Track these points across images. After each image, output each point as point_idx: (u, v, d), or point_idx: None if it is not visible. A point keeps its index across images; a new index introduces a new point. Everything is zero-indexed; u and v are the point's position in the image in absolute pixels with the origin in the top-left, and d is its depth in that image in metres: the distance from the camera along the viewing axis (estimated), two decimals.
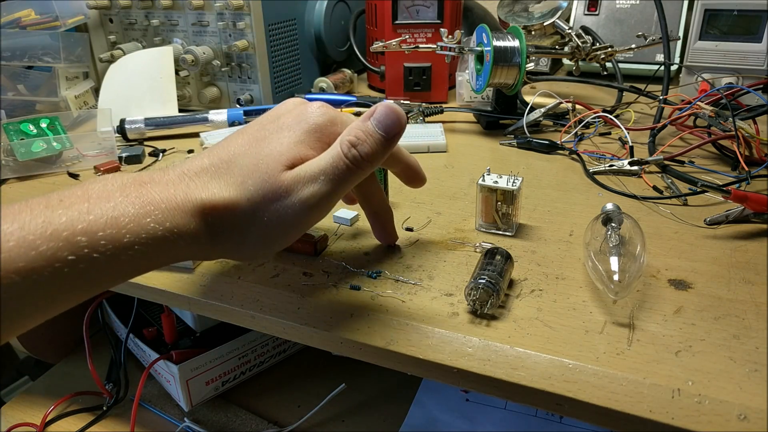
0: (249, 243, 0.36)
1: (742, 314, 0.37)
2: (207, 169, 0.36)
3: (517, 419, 0.66)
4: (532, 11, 0.87)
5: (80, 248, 0.29)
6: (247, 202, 0.35)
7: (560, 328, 0.37)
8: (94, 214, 0.30)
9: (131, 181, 0.33)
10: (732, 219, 0.48)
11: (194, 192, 0.34)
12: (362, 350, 0.39)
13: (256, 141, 0.37)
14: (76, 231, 0.29)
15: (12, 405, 0.74)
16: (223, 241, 0.36)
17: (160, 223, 0.32)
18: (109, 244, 0.30)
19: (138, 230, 0.31)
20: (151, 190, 0.33)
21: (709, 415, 0.31)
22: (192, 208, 0.34)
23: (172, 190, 0.34)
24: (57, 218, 0.29)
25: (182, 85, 0.84)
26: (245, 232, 0.36)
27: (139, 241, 0.31)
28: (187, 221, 0.34)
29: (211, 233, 0.35)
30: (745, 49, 0.75)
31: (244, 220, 0.35)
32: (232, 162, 0.36)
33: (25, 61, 0.77)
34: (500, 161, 0.65)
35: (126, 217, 0.31)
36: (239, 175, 0.35)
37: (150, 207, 0.32)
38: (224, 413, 0.70)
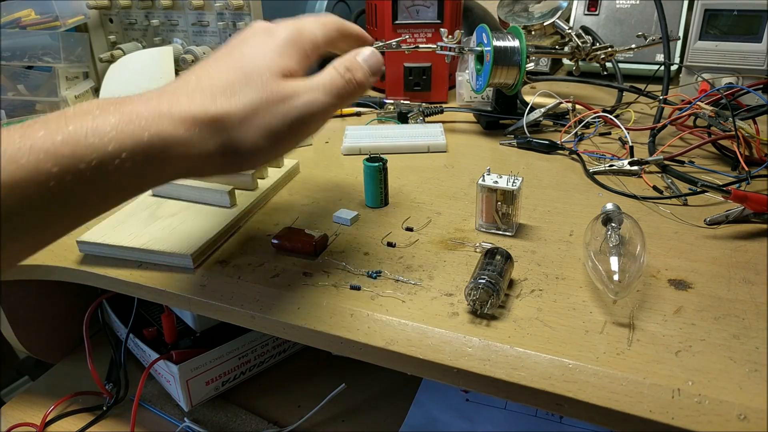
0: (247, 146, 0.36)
1: (742, 314, 0.37)
2: (187, 84, 0.35)
3: (517, 419, 0.66)
4: (532, 11, 0.87)
5: (63, 159, 0.29)
6: (244, 108, 0.35)
7: (560, 328, 0.37)
8: (73, 125, 0.30)
9: (110, 101, 0.32)
10: (732, 219, 0.48)
11: (180, 104, 0.33)
12: (362, 350, 0.39)
13: (234, 58, 0.37)
14: (57, 142, 0.29)
15: (12, 405, 0.74)
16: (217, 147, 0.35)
17: (145, 128, 0.31)
18: (93, 153, 0.29)
19: (122, 137, 0.30)
20: (131, 104, 0.32)
21: (709, 415, 0.31)
22: (179, 117, 0.33)
23: (155, 102, 0.33)
24: (35, 133, 0.29)
25: None
26: (243, 136, 0.35)
27: (125, 149, 0.30)
28: (175, 128, 0.32)
29: (203, 141, 0.34)
30: (745, 49, 0.75)
31: (242, 126, 0.35)
32: (214, 77, 0.35)
33: (25, 61, 0.77)
34: (500, 161, 0.65)
35: (108, 125, 0.30)
36: (228, 87, 0.35)
37: (133, 115, 0.31)
38: (224, 413, 0.70)
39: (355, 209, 0.53)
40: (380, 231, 0.50)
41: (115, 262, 0.48)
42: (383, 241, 0.48)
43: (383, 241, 0.48)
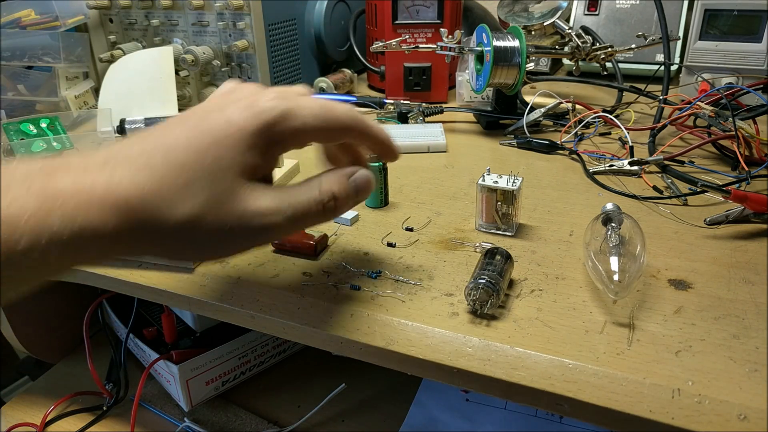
0: (179, 250, 0.32)
1: (742, 314, 0.37)
2: (139, 157, 0.30)
3: (517, 419, 0.66)
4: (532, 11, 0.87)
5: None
6: (191, 209, 0.30)
7: (560, 328, 0.37)
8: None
9: (39, 169, 0.28)
10: (732, 219, 0.48)
11: (120, 184, 0.29)
12: (362, 350, 0.39)
13: (201, 134, 0.31)
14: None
15: (12, 405, 0.74)
16: (147, 245, 0.31)
17: (68, 220, 0.27)
18: (2, 247, 0.25)
19: (38, 230, 0.26)
20: (62, 179, 0.28)
21: (709, 415, 0.31)
22: (113, 203, 0.28)
23: (89, 179, 0.28)
24: None
25: (182, 85, 0.84)
26: (181, 238, 0.31)
27: (40, 245, 0.26)
28: (104, 218, 0.28)
29: (136, 235, 0.30)
30: (745, 49, 0.75)
31: (184, 227, 0.30)
32: (171, 155, 0.30)
33: (25, 61, 0.77)
34: (500, 161, 0.65)
35: (25, 212, 0.26)
36: (182, 175, 0.30)
37: (57, 201, 0.27)
38: (224, 413, 0.70)
39: (355, 209, 0.53)
40: (380, 231, 0.50)
41: (115, 262, 0.48)
42: (383, 241, 0.48)
43: (383, 241, 0.48)
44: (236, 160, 0.31)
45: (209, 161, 0.30)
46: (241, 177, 0.32)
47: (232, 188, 0.31)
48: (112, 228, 0.28)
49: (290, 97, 0.33)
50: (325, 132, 0.35)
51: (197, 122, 0.32)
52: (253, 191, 0.32)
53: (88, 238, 0.28)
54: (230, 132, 0.31)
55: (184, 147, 0.30)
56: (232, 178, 0.31)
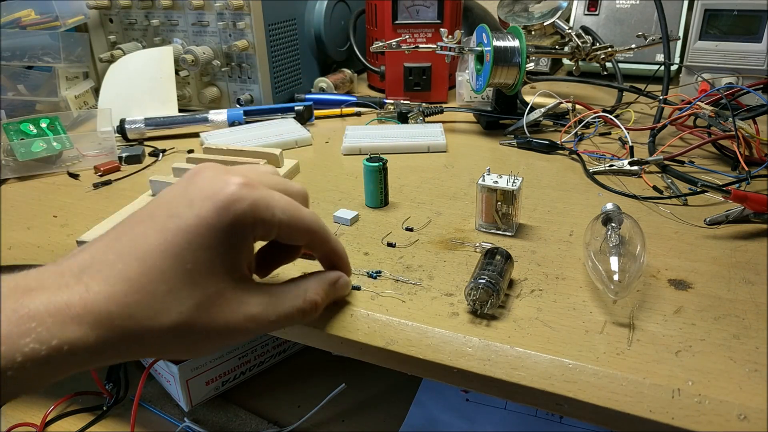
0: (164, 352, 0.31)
1: (742, 314, 0.37)
2: (115, 263, 0.29)
3: (517, 419, 0.66)
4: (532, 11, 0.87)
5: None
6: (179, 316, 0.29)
7: (560, 328, 0.37)
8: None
9: (12, 288, 0.27)
10: (732, 219, 0.48)
11: (98, 298, 0.28)
12: (362, 350, 0.39)
13: (173, 236, 0.29)
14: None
15: (12, 405, 0.74)
16: (132, 351, 0.30)
17: (44, 342, 0.26)
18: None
19: (12, 354, 0.25)
20: (36, 298, 0.27)
21: (709, 415, 0.31)
22: (94, 318, 0.27)
23: (65, 296, 0.27)
24: None
25: (182, 85, 0.84)
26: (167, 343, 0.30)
27: (14, 367, 0.25)
28: (85, 333, 0.27)
29: (121, 344, 0.29)
30: (745, 49, 0.75)
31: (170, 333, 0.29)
32: (148, 262, 0.29)
33: (25, 61, 0.77)
34: (500, 161, 0.65)
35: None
36: (163, 282, 0.29)
37: (31, 323, 0.26)
38: (224, 413, 0.70)
39: (355, 209, 0.53)
40: (380, 231, 0.50)
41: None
42: (383, 241, 0.48)
43: (383, 241, 0.48)
44: (215, 262, 0.30)
45: (189, 266, 0.29)
46: (226, 276, 0.31)
47: (219, 292, 0.31)
48: (93, 341, 0.27)
49: (257, 185, 0.32)
50: (290, 229, 0.33)
51: (166, 221, 0.30)
52: (240, 294, 0.32)
53: (67, 354, 0.27)
54: (201, 231, 0.30)
55: (159, 252, 0.29)
56: (216, 281, 0.30)
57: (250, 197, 0.31)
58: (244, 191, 0.31)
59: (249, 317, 0.32)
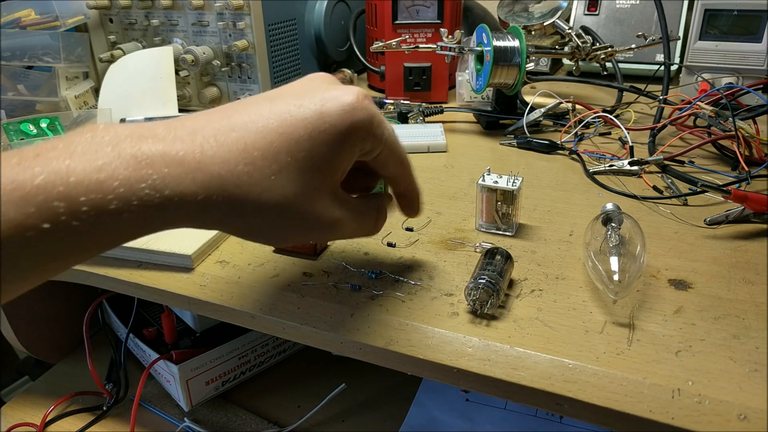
0: (254, 232, 0.33)
1: (742, 314, 0.37)
2: (230, 133, 0.30)
3: (517, 419, 0.66)
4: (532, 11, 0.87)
5: (57, 216, 0.25)
6: (280, 198, 0.30)
7: (560, 328, 0.37)
8: (75, 176, 0.25)
9: (127, 134, 0.28)
10: (732, 219, 0.48)
11: (213, 160, 0.29)
12: (362, 350, 0.39)
13: (295, 122, 0.31)
14: (53, 195, 0.24)
15: (12, 405, 0.74)
16: (228, 221, 0.31)
17: (158, 190, 0.27)
18: (92, 211, 0.25)
19: (129, 196, 0.26)
20: (153, 146, 0.27)
21: (709, 415, 0.31)
22: (204, 177, 0.28)
23: (180, 148, 0.28)
24: (29, 179, 0.24)
25: (182, 85, 0.84)
26: (260, 221, 0.31)
27: (129, 209, 0.26)
28: (194, 190, 0.28)
29: (221, 211, 0.29)
30: (745, 49, 0.75)
31: (268, 212, 0.31)
32: (265, 138, 0.30)
33: (25, 61, 0.77)
34: (500, 161, 0.65)
35: (115, 180, 0.26)
36: (275, 162, 0.30)
37: (148, 170, 0.27)
38: (224, 413, 0.70)
39: None
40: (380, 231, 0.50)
41: (114, 262, 0.48)
42: (383, 241, 0.48)
43: (383, 241, 0.48)
44: (326, 159, 0.32)
45: (302, 155, 0.31)
46: (328, 176, 0.32)
47: (319, 188, 0.32)
48: (201, 200, 0.28)
49: (372, 101, 0.34)
50: (390, 153, 0.36)
51: (289, 108, 0.31)
52: (334, 197, 0.34)
53: (176, 206, 0.28)
54: (323, 127, 0.31)
55: (277, 133, 0.30)
56: (320, 178, 0.32)
57: (371, 110, 0.33)
58: (366, 102, 0.33)
59: (336, 218, 0.34)
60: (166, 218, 0.28)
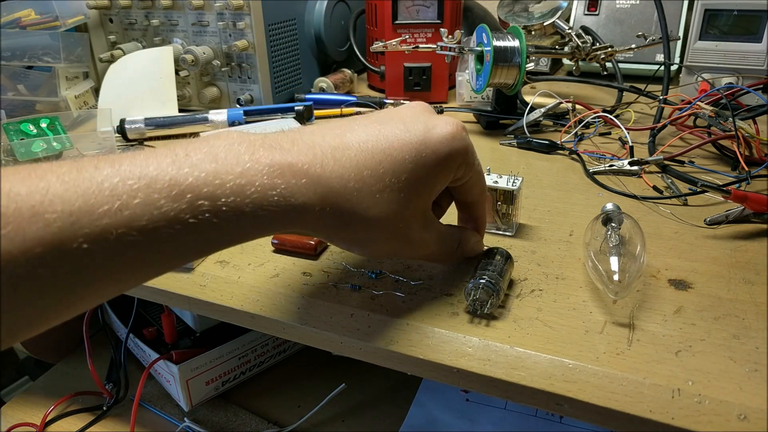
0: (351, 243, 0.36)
1: (742, 314, 0.37)
2: (345, 150, 0.33)
3: (517, 419, 0.66)
4: (532, 11, 0.87)
5: (202, 212, 0.28)
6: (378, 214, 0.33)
7: (560, 328, 0.37)
8: (220, 179, 0.28)
9: (259, 143, 0.31)
10: (732, 219, 0.48)
11: (331, 174, 0.32)
12: (362, 350, 0.39)
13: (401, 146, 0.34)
14: (200, 194, 0.28)
15: (12, 405, 0.74)
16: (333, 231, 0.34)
17: (286, 198, 0.30)
18: (230, 211, 0.29)
19: (261, 201, 0.29)
20: (282, 157, 0.31)
21: (709, 415, 0.31)
22: (323, 192, 0.31)
23: (305, 163, 0.31)
24: (183, 178, 0.28)
25: (182, 85, 0.84)
26: (358, 234, 0.34)
27: (260, 212, 0.29)
28: (314, 201, 0.31)
29: (330, 220, 0.32)
30: (745, 49, 0.75)
31: (366, 227, 0.34)
32: (374, 159, 0.33)
33: (25, 61, 0.77)
34: (500, 161, 0.65)
35: (252, 186, 0.29)
36: (381, 181, 0.33)
37: (279, 180, 0.30)
38: (224, 413, 0.70)
39: None
40: None
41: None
42: None
43: None
44: (424, 182, 0.35)
45: (405, 176, 0.34)
46: (424, 198, 0.36)
47: (414, 210, 0.35)
48: (317, 210, 0.31)
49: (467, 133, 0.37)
50: (477, 181, 0.39)
51: (396, 132, 0.34)
52: (426, 220, 0.37)
53: (298, 213, 0.31)
54: (426, 153, 0.34)
55: (386, 154, 0.33)
56: (417, 199, 0.35)
57: (467, 140, 0.36)
58: (464, 133, 0.36)
59: (425, 240, 0.37)
60: (286, 223, 0.31)
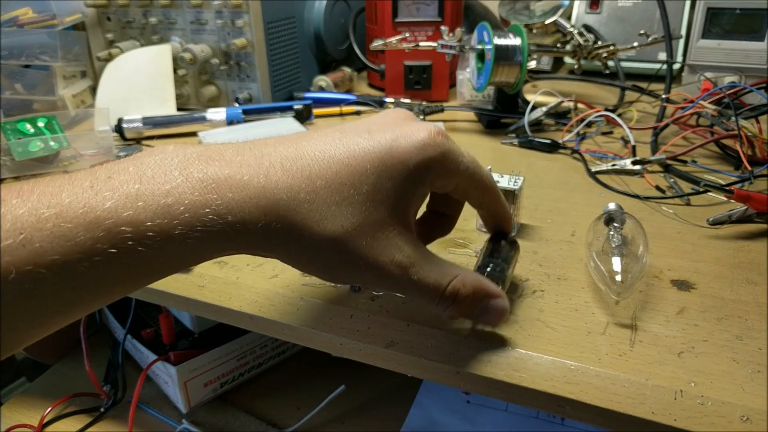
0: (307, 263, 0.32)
1: (744, 315, 0.37)
2: (296, 161, 0.29)
3: (519, 421, 0.66)
4: (534, 9, 0.87)
5: (123, 240, 0.25)
6: (337, 229, 0.30)
7: (562, 329, 0.37)
8: (143, 200, 0.26)
9: (195, 156, 0.28)
10: (735, 219, 0.48)
11: (276, 186, 0.28)
12: (362, 351, 0.38)
13: (362, 156, 0.30)
14: (121, 220, 0.25)
15: (9, 406, 0.74)
16: (283, 250, 0.30)
17: (221, 216, 0.27)
18: (157, 236, 0.26)
19: (192, 221, 0.26)
20: (220, 169, 0.28)
21: (712, 416, 0.30)
22: (266, 203, 0.28)
23: (246, 173, 0.28)
24: (100, 203, 0.25)
25: (180, 83, 0.83)
26: (315, 254, 0.30)
27: (192, 235, 0.27)
28: (256, 216, 0.28)
29: (278, 239, 0.29)
30: (748, 48, 0.75)
31: (323, 245, 0.30)
32: (331, 169, 0.30)
33: (22, 60, 0.77)
34: (501, 160, 0.65)
35: (181, 205, 0.26)
36: (338, 193, 0.29)
37: (213, 195, 0.27)
38: (223, 415, 0.70)
39: None
40: None
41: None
42: None
43: None
44: (390, 195, 0.31)
45: (366, 188, 0.30)
46: (393, 213, 0.31)
47: (381, 223, 0.31)
48: (261, 226, 0.28)
49: (448, 137, 0.33)
50: (471, 181, 0.34)
51: (358, 140, 0.31)
52: (397, 237, 0.31)
53: (236, 232, 0.28)
54: (391, 163, 0.31)
55: (344, 164, 0.30)
56: (383, 213, 0.31)
57: (444, 146, 0.32)
58: (439, 139, 0.32)
59: (396, 263, 0.31)
60: (226, 245, 0.28)
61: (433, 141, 0.32)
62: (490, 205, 0.37)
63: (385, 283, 0.32)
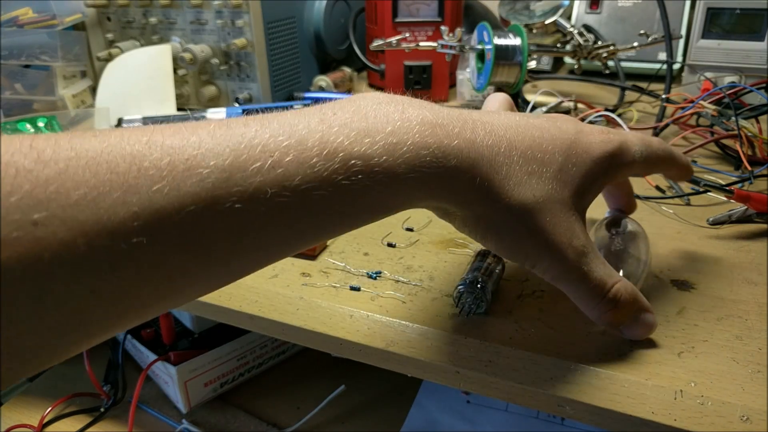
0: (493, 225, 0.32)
1: (745, 315, 0.37)
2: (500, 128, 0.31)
3: (519, 421, 0.66)
4: (534, 9, 0.87)
5: (355, 173, 0.26)
6: (525, 199, 0.30)
7: (562, 329, 0.37)
8: (371, 137, 0.26)
9: (408, 102, 0.29)
10: (735, 219, 0.48)
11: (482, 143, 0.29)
12: (362, 351, 0.38)
13: (552, 138, 0.32)
14: (352, 154, 0.26)
15: (9, 406, 0.74)
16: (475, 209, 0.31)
17: (438, 159, 0.28)
18: (383, 172, 0.26)
19: (413, 161, 0.27)
20: (433, 118, 0.29)
21: (712, 416, 0.30)
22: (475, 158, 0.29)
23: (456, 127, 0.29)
24: (333, 137, 0.26)
25: (180, 83, 0.83)
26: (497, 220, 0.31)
27: (413, 174, 0.27)
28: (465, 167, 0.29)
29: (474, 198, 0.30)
30: (748, 48, 0.75)
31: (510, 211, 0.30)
32: (528, 142, 0.31)
33: (22, 60, 0.76)
34: None
35: (404, 145, 0.27)
36: (530, 164, 0.31)
37: (430, 140, 0.28)
38: (223, 415, 0.70)
39: None
40: (380, 231, 0.50)
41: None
42: (383, 241, 0.48)
43: (383, 241, 0.48)
44: (575, 180, 0.32)
45: (554, 168, 0.31)
46: (575, 197, 0.32)
47: (564, 204, 0.32)
48: (468, 177, 0.29)
49: (619, 132, 0.35)
50: (645, 167, 0.37)
51: (550, 127, 0.33)
52: (575, 222, 0.32)
53: (449, 177, 0.28)
54: (576, 151, 0.32)
55: (537, 143, 0.31)
56: (567, 194, 0.32)
57: (615, 140, 0.34)
58: (611, 136, 0.34)
59: (573, 247, 0.32)
60: (436, 191, 0.29)
61: (609, 138, 0.34)
62: (673, 170, 0.40)
63: (558, 266, 0.32)
